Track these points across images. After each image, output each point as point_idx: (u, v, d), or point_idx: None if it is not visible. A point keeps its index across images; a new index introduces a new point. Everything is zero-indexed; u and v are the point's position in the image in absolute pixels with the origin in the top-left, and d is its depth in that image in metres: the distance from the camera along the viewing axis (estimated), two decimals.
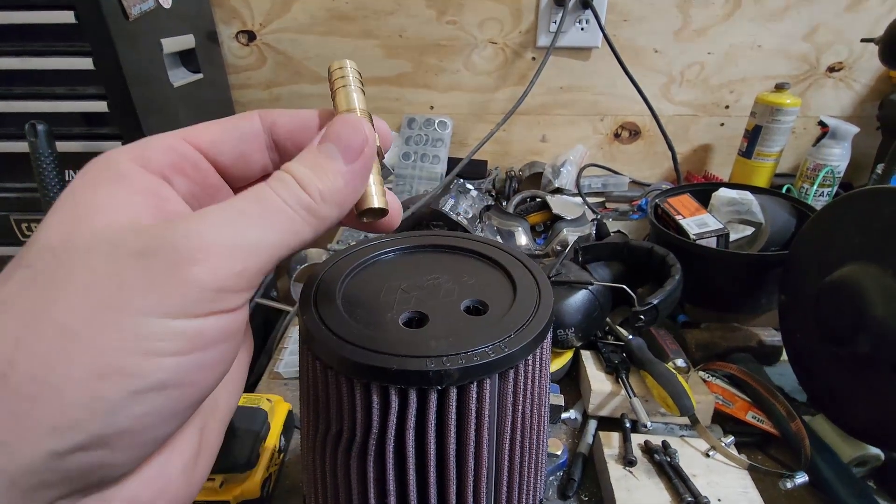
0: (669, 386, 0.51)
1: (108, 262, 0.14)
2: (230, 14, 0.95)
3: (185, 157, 0.19)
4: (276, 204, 0.17)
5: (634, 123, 1.03)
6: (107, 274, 0.14)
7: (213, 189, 0.20)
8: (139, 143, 0.18)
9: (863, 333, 0.45)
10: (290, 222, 0.17)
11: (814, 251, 0.54)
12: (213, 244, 0.15)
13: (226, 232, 0.15)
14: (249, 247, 0.16)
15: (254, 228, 0.16)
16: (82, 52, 0.60)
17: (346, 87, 0.20)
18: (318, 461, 0.25)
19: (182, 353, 0.15)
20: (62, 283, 0.14)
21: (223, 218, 0.16)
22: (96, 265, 0.14)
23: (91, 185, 0.17)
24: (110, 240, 0.15)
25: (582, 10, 0.91)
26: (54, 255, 0.15)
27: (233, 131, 0.20)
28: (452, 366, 0.20)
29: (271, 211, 0.17)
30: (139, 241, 0.15)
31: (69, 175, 0.65)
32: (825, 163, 0.86)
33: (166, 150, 0.18)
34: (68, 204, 0.16)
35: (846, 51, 0.95)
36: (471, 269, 0.28)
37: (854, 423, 0.49)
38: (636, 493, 0.45)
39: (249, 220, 0.16)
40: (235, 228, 0.16)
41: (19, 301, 0.14)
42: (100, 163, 0.17)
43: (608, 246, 0.69)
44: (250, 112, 0.21)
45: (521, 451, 0.25)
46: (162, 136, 0.19)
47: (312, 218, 0.17)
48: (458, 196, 0.89)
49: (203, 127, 0.20)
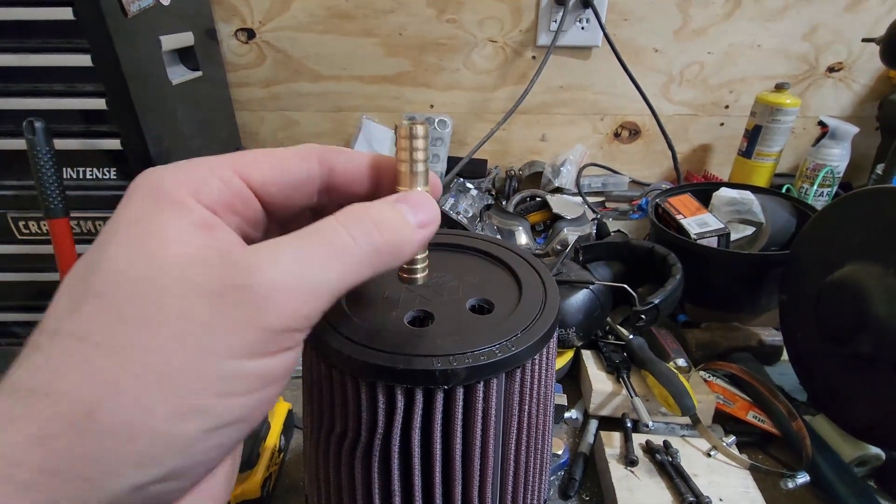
0: (671, 385, 0.50)
1: (187, 303, 0.14)
2: (229, 12, 0.94)
3: (237, 194, 0.18)
4: (347, 244, 0.17)
5: (634, 123, 1.03)
6: (188, 316, 0.14)
7: (256, 223, 0.20)
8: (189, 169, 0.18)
9: (864, 333, 0.45)
10: (357, 263, 0.17)
11: (815, 251, 0.54)
12: (286, 287, 0.15)
13: (297, 273, 0.16)
14: (319, 288, 0.16)
15: (324, 269, 0.16)
16: (80, 48, 0.59)
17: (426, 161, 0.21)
18: (321, 461, 0.24)
19: (252, 391, 0.15)
20: (145, 322, 0.14)
21: (295, 258, 0.16)
22: (176, 305, 0.14)
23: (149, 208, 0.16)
24: (187, 279, 0.15)
25: (582, 9, 0.91)
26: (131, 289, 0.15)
27: (286, 175, 0.20)
28: (459, 365, 0.20)
29: (342, 251, 0.17)
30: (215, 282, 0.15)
31: (67, 173, 0.65)
32: (825, 163, 0.86)
33: (219, 185, 0.18)
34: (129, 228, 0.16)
35: (846, 51, 0.95)
36: (475, 268, 0.28)
37: (855, 422, 0.49)
38: (638, 493, 0.45)
39: (320, 260, 0.16)
40: (306, 269, 0.16)
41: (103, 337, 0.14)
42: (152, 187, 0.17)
43: (609, 245, 0.69)
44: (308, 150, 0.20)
45: (526, 451, 0.24)
46: (213, 166, 0.18)
47: (377, 262, 0.18)
48: (458, 195, 0.89)
49: (257, 162, 0.19)
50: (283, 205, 0.20)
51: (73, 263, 0.56)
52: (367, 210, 0.18)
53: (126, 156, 0.64)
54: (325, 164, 0.20)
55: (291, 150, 0.20)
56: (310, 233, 0.17)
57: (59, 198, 0.53)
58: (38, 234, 0.67)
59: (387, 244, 0.18)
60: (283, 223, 0.21)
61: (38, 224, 0.66)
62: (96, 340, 0.14)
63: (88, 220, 0.67)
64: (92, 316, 0.14)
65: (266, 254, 0.16)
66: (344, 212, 0.18)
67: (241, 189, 0.19)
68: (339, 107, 1.03)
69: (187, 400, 0.14)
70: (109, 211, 0.66)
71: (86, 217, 0.66)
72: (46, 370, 0.14)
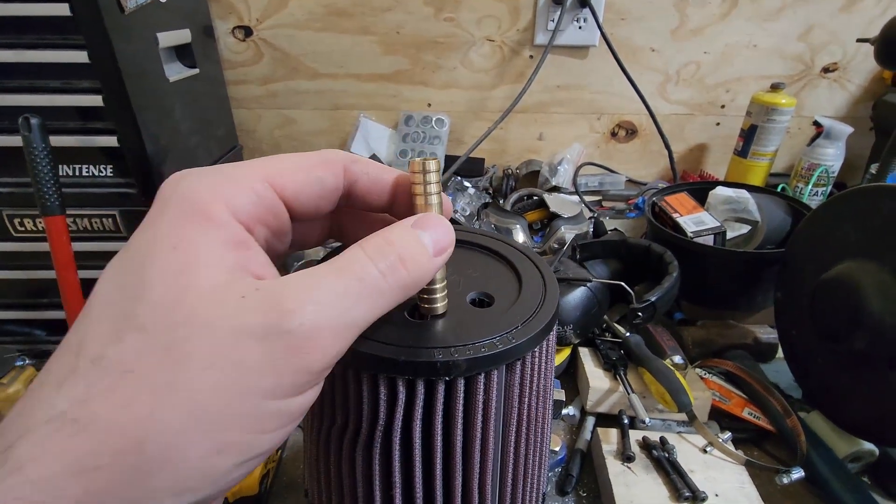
0: (667, 382, 0.51)
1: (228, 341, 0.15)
2: (226, 9, 0.94)
3: (270, 208, 0.19)
4: (377, 280, 0.17)
5: (631, 122, 1.04)
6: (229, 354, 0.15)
7: (282, 235, 0.20)
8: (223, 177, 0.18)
9: (859, 330, 0.45)
10: (385, 298, 0.18)
11: (810, 249, 0.55)
12: (326, 328, 0.16)
13: (336, 314, 0.16)
14: (352, 326, 0.17)
15: (357, 307, 0.17)
16: (77, 45, 0.59)
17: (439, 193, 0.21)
18: (322, 454, 0.24)
19: (283, 427, 0.16)
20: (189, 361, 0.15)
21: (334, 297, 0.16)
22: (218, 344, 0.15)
23: (181, 225, 0.16)
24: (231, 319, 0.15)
25: (580, 8, 0.92)
26: (171, 324, 0.15)
27: (316, 185, 0.20)
28: (461, 357, 0.20)
29: (372, 288, 0.17)
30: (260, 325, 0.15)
31: (63, 170, 0.65)
32: (819, 162, 0.87)
33: (255, 199, 0.18)
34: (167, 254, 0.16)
35: (840, 51, 0.96)
36: (475, 263, 0.28)
37: (849, 419, 0.49)
38: (634, 489, 0.45)
39: (354, 298, 0.17)
40: (341, 310, 0.16)
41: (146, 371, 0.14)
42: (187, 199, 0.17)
43: (606, 243, 0.69)
44: (334, 159, 0.20)
45: (526, 444, 0.25)
46: (247, 176, 0.18)
47: (401, 296, 0.18)
48: (456, 194, 0.89)
49: (290, 173, 0.19)
50: (310, 213, 0.20)
51: (69, 261, 0.56)
52: (391, 242, 0.18)
53: (123, 153, 0.64)
54: (349, 175, 0.21)
55: (318, 159, 0.20)
56: (341, 268, 0.17)
57: (55, 195, 0.53)
58: (33, 232, 0.66)
59: (411, 279, 0.18)
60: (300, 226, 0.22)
61: (33, 221, 0.66)
62: (142, 375, 0.14)
63: (85, 218, 0.66)
64: (136, 349, 0.15)
65: (305, 293, 0.16)
66: (371, 244, 0.18)
67: (273, 202, 0.19)
68: (337, 105, 1.03)
69: (225, 437, 0.15)
70: (106, 208, 0.66)
71: (82, 214, 0.66)
72: (90, 401, 0.14)
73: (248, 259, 0.17)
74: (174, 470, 0.14)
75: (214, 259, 0.16)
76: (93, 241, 0.66)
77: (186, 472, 0.14)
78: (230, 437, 0.15)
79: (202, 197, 0.17)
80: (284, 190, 0.19)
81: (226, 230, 0.17)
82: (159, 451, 0.14)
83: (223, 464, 0.15)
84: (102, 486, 0.13)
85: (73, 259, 0.56)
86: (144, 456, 0.14)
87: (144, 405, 0.14)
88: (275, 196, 0.19)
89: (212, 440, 0.15)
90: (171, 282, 0.15)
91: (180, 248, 0.16)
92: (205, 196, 0.17)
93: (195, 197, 0.17)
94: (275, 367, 0.15)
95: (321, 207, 0.21)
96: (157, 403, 0.14)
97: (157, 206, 0.17)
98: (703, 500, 0.44)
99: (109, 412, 0.14)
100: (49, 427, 0.14)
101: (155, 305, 0.15)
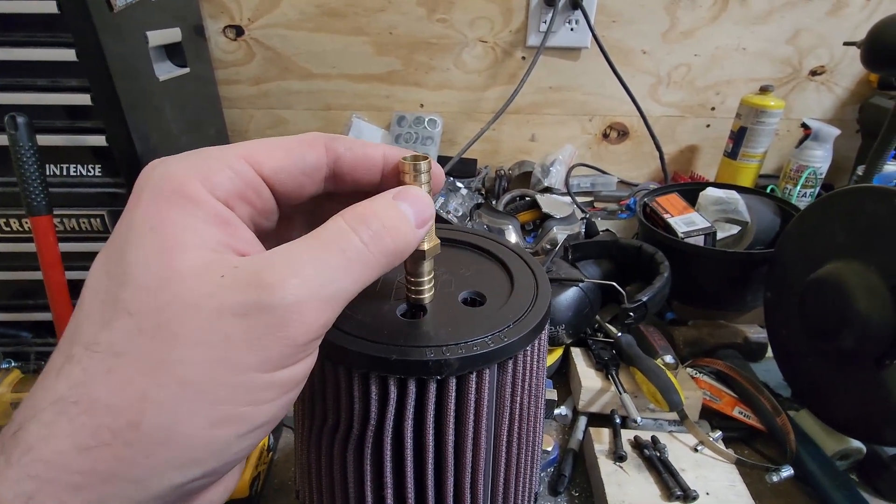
0: (658, 382, 0.51)
1: (216, 323, 0.15)
2: (218, 8, 0.93)
3: (249, 184, 0.19)
4: (360, 250, 0.17)
5: (622, 124, 1.04)
6: (214, 332, 0.15)
7: (268, 213, 0.20)
8: (198, 159, 0.18)
9: (846, 329, 0.46)
10: (369, 268, 0.18)
11: (798, 249, 0.55)
12: (308, 301, 0.16)
13: (318, 286, 0.16)
14: (336, 297, 0.17)
15: (340, 278, 0.17)
16: (64, 43, 0.58)
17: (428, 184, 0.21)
18: (312, 454, 0.24)
19: (279, 397, 0.17)
20: (176, 340, 0.15)
21: (315, 270, 0.16)
22: (203, 323, 0.15)
23: (163, 207, 0.16)
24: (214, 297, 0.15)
25: (571, 10, 0.92)
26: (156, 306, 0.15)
27: (298, 162, 0.20)
28: (452, 355, 0.20)
29: (355, 258, 0.17)
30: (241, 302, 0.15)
31: (50, 170, 0.64)
32: (808, 164, 0.88)
33: (232, 175, 0.18)
34: (145, 236, 0.16)
35: (828, 55, 0.97)
36: (467, 262, 0.28)
37: (838, 417, 0.50)
38: (626, 488, 0.45)
39: (337, 269, 0.17)
40: (325, 280, 0.16)
41: (136, 353, 0.15)
42: (163, 180, 0.17)
43: (597, 244, 0.70)
44: (315, 138, 0.20)
45: (518, 443, 0.24)
46: (224, 156, 0.18)
47: (385, 264, 0.18)
48: (448, 194, 0.89)
49: (267, 150, 0.19)
50: (294, 193, 0.20)
51: (56, 262, 0.55)
52: (374, 212, 0.18)
53: (111, 152, 0.63)
54: (331, 153, 0.21)
55: (298, 138, 0.20)
56: (323, 240, 0.17)
57: (42, 195, 0.52)
58: (20, 232, 0.65)
59: (395, 247, 0.18)
60: (292, 211, 0.22)
61: (19, 222, 0.65)
62: (133, 357, 0.15)
63: (72, 218, 0.66)
64: (125, 333, 0.15)
65: (285, 267, 0.16)
66: (352, 214, 0.18)
67: (253, 179, 0.19)
68: (329, 105, 1.03)
69: (222, 409, 0.15)
70: (94, 208, 0.65)
71: (69, 215, 0.65)
72: (87, 384, 0.15)
73: (231, 235, 0.17)
74: (173, 445, 0.15)
75: (195, 238, 0.16)
76: (80, 242, 0.65)
77: (187, 447, 0.15)
78: (225, 411, 0.15)
79: (178, 177, 0.17)
80: (262, 167, 0.19)
81: (205, 208, 0.17)
82: (156, 428, 0.14)
83: (223, 436, 0.15)
84: (108, 464, 0.14)
85: (60, 260, 0.55)
86: (142, 434, 0.14)
87: (137, 386, 0.14)
88: (253, 173, 0.19)
89: (206, 414, 0.15)
90: (152, 264, 0.16)
91: (158, 228, 0.16)
92: (181, 176, 0.17)
93: (171, 178, 0.17)
94: (260, 342, 0.15)
95: (305, 186, 0.20)
96: (148, 383, 0.15)
97: (135, 193, 0.17)
98: (694, 499, 0.44)
99: (105, 394, 0.14)
100: (53, 409, 0.14)
101: (139, 289, 0.15)
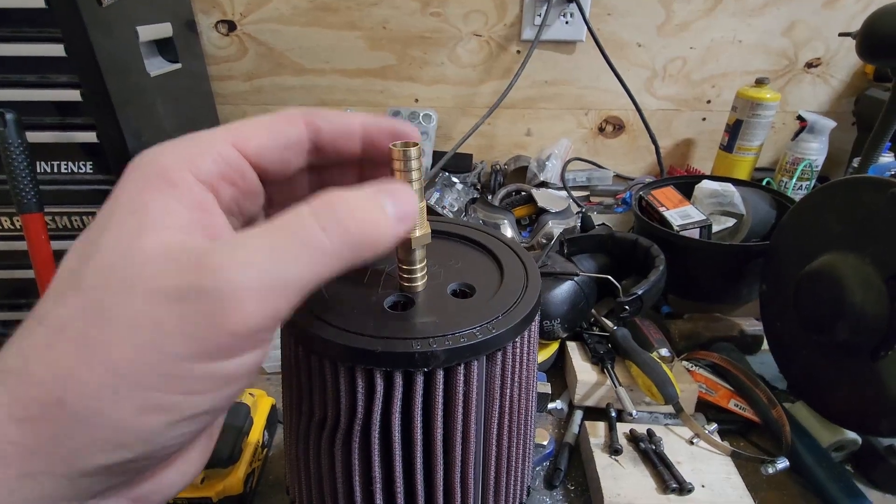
0: (654, 375, 0.51)
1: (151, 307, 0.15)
2: (209, 3, 0.92)
3: (233, 166, 0.18)
4: (317, 238, 0.16)
5: (618, 117, 1.04)
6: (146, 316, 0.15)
7: (253, 194, 0.20)
8: (189, 143, 0.18)
9: (841, 321, 0.46)
10: (328, 258, 0.16)
11: (794, 241, 0.55)
12: (248, 288, 0.15)
13: (262, 272, 0.15)
14: (286, 287, 0.16)
15: (291, 266, 0.16)
16: (53, 38, 0.58)
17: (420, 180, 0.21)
18: (301, 449, 0.24)
19: (215, 390, 0.16)
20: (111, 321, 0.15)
21: (257, 256, 0.15)
22: (137, 305, 0.15)
23: (142, 190, 0.16)
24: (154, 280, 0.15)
25: (566, 3, 0.91)
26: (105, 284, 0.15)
27: (279, 138, 0.20)
28: (439, 347, 0.20)
29: (311, 246, 0.16)
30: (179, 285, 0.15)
31: (41, 167, 0.63)
32: (803, 156, 0.87)
33: (217, 158, 0.18)
34: (122, 218, 0.16)
35: (823, 47, 0.97)
36: (457, 254, 0.27)
37: (833, 408, 0.50)
38: (622, 481, 0.45)
39: (287, 257, 0.16)
40: (271, 267, 0.15)
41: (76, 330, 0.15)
42: (150, 165, 0.17)
43: (593, 238, 0.69)
44: (294, 114, 0.20)
45: (508, 436, 0.24)
46: (211, 140, 0.18)
47: (350, 256, 0.17)
48: (444, 189, 0.89)
49: (250, 131, 0.19)
50: (278, 170, 0.20)
51: (48, 260, 0.54)
52: (343, 199, 0.17)
53: (102, 149, 0.63)
54: (311, 126, 0.20)
55: (278, 115, 0.20)
56: (278, 224, 0.16)
57: (33, 192, 0.52)
58: (10, 230, 0.65)
59: (362, 237, 0.17)
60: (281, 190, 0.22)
61: (10, 220, 0.64)
62: (70, 333, 0.15)
63: (64, 216, 0.65)
64: (72, 308, 0.15)
65: (230, 252, 0.15)
66: (319, 199, 0.17)
67: (237, 161, 0.19)
68: (323, 100, 1.02)
69: (150, 396, 0.15)
70: (86, 206, 0.65)
71: (61, 212, 0.65)
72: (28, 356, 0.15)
73: (206, 220, 0.17)
74: (97, 427, 0.14)
75: (168, 219, 0.16)
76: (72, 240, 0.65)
77: (112, 430, 0.14)
78: (154, 398, 0.15)
79: (163, 162, 0.17)
80: (247, 147, 0.19)
81: (186, 192, 0.17)
82: (80, 408, 0.14)
83: (151, 423, 0.15)
84: (38, 437, 0.14)
85: (52, 258, 0.54)
86: (66, 412, 0.14)
87: (67, 363, 0.14)
88: (237, 154, 0.19)
89: (134, 400, 0.14)
90: (122, 243, 0.15)
91: (138, 211, 0.16)
92: (166, 161, 0.17)
93: (157, 163, 0.17)
94: (194, 329, 0.15)
95: (289, 161, 0.20)
96: (77, 362, 0.14)
97: (122, 179, 0.17)
98: (689, 492, 0.44)
99: (38, 368, 0.14)
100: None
101: (99, 268, 0.15)
